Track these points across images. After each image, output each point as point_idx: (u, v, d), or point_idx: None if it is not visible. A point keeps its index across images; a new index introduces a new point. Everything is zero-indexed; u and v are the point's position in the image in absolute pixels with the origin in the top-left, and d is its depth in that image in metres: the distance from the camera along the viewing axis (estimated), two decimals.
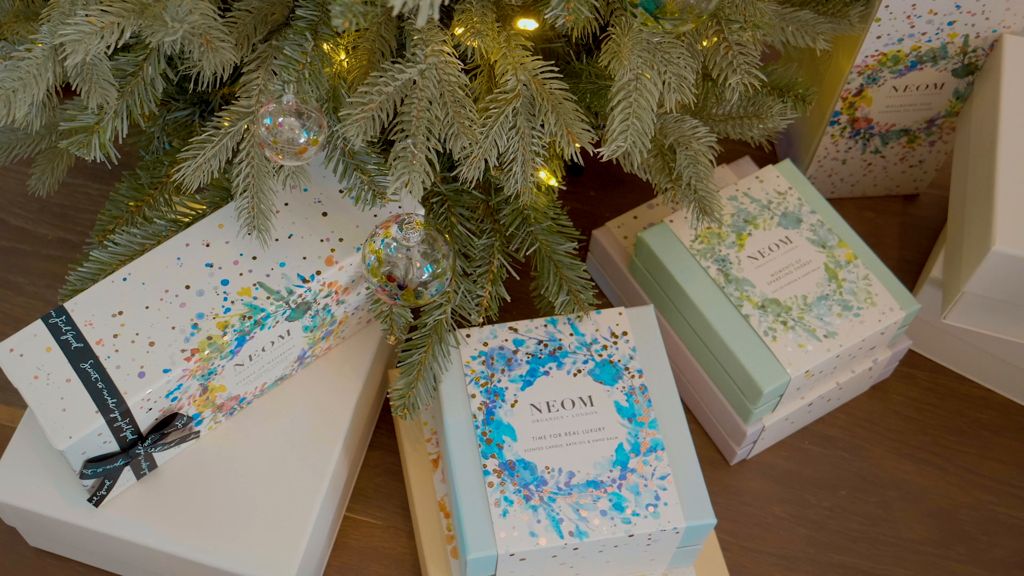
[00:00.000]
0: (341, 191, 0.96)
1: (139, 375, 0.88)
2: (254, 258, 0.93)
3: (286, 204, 0.96)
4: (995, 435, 1.12)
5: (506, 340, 0.98)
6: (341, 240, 0.95)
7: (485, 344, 0.98)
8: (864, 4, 1.04)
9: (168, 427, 0.92)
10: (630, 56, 0.82)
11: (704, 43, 0.93)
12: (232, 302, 0.91)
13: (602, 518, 0.90)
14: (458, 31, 0.85)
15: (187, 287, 0.92)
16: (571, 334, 0.99)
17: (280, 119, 0.82)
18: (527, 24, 0.87)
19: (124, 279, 0.92)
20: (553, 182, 1.00)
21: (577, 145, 0.86)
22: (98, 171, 1.25)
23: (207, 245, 0.94)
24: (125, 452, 0.90)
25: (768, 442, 1.10)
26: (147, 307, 0.91)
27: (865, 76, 1.10)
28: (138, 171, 1.02)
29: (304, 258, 0.94)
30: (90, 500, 0.92)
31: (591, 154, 0.86)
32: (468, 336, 0.98)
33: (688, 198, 0.99)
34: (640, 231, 1.08)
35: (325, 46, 0.84)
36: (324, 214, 0.96)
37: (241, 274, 0.93)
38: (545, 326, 0.99)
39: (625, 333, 0.99)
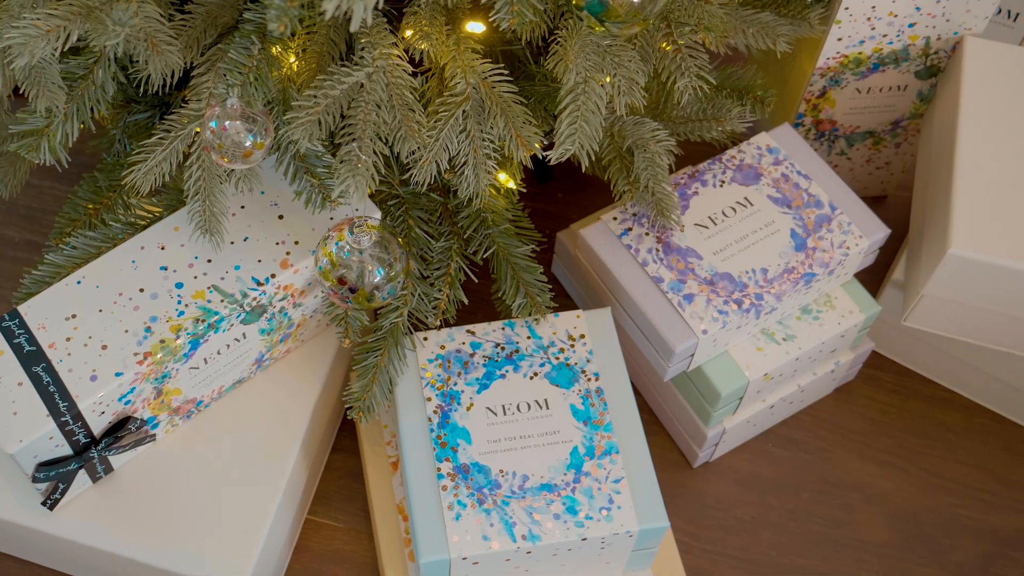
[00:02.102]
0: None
1: (91, 378, 0.88)
2: (209, 261, 0.93)
3: (242, 207, 0.96)
4: (958, 437, 1.12)
5: (463, 343, 0.98)
6: (297, 243, 0.95)
7: (442, 347, 0.98)
8: (824, 6, 1.04)
9: (122, 430, 0.91)
10: (576, 60, 0.81)
11: (665, 46, 0.93)
12: (186, 305, 0.91)
13: (555, 521, 0.90)
14: (407, 34, 0.85)
15: (141, 290, 0.92)
16: (528, 337, 0.98)
17: (225, 122, 0.82)
18: (475, 27, 0.87)
19: (78, 282, 0.92)
20: (512, 185, 0.99)
21: (529, 151, 0.85)
22: (65, 173, 1.25)
23: (162, 248, 0.94)
24: (78, 455, 0.90)
25: (731, 444, 1.09)
26: (100, 310, 0.91)
27: (828, 78, 1.10)
28: (96, 174, 1.02)
29: (259, 261, 0.93)
30: (44, 503, 0.92)
31: (540, 157, 0.86)
32: (425, 339, 0.98)
33: (646, 200, 0.99)
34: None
35: (274, 49, 0.84)
36: (280, 217, 0.96)
37: (196, 277, 0.92)
38: (503, 329, 0.99)
39: (583, 336, 0.98)
